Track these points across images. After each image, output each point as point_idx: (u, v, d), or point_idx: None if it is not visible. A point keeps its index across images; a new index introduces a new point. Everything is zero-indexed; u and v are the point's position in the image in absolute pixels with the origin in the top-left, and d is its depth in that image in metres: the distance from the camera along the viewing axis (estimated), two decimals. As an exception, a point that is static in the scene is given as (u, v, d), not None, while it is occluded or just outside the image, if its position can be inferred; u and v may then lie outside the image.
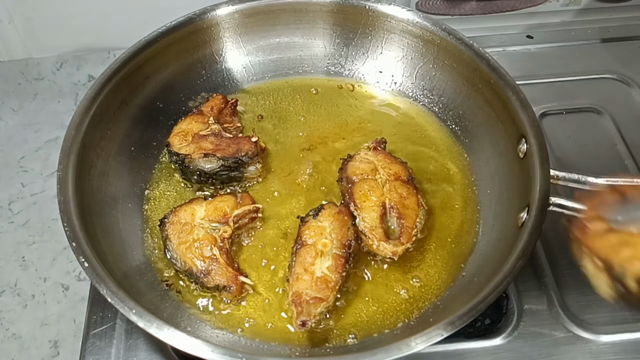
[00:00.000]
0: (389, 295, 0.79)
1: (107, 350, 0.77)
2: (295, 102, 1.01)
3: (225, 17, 0.98)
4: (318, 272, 0.74)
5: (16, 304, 0.90)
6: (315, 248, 0.76)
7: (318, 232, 0.77)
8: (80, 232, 0.71)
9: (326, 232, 0.77)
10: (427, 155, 0.94)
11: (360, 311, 0.77)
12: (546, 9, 1.18)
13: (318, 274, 0.74)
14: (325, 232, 0.77)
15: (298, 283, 0.74)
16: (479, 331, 0.81)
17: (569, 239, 0.66)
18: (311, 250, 0.76)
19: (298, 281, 0.74)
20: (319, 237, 0.77)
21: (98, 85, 0.85)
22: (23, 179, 1.04)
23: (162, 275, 0.80)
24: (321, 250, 0.76)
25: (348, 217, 0.80)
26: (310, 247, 0.76)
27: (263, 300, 0.78)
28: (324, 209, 0.80)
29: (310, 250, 0.76)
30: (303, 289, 0.73)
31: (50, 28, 1.18)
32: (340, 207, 0.81)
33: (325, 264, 0.75)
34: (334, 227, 0.78)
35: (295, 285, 0.73)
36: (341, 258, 0.75)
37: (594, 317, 0.81)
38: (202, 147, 0.87)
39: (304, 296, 0.72)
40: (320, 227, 0.78)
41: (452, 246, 0.84)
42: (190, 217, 0.80)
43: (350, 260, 0.77)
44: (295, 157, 0.94)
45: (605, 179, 0.77)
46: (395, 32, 0.99)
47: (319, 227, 0.78)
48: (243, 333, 0.75)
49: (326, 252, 0.76)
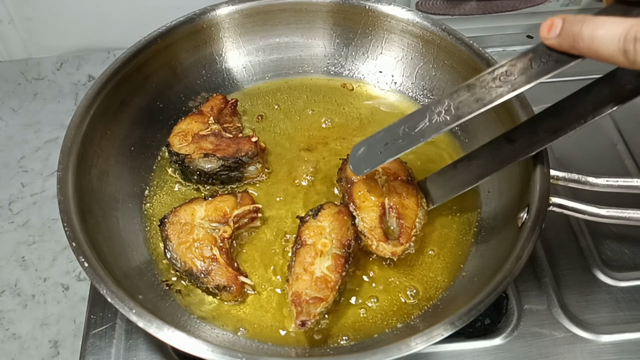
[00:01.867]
0: (389, 295, 0.79)
1: (107, 350, 0.77)
2: (295, 102, 1.01)
3: (225, 17, 0.98)
4: (318, 272, 0.74)
5: (16, 304, 0.90)
6: (314, 248, 0.76)
7: (317, 232, 0.77)
8: (80, 232, 0.71)
9: (326, 232, 0.77)
10: (427, 155, 0.94)
11: (360, 311, 0.77)
12: (546, 9, 1.18)
13: (318, 273, 0.74)
14: (325, 232, 0.77)
15: (298, 283, 0.73)
16: (479, 331, 0.81)
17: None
18: (311, 250, 0.76)
19: (298, 281, 0.74)
20: (319, 237, 0.77)
21: (98, 85, 0.85)
22: (23, 179, 1.04)
23: (162, 275, 0.80)
24: (321, 250, 0.76)
25: (348, 217, 0.80)
26: (310, 247, 0.76)
27: (263, 300, 0.78)
28: (323, 209, 0.80)
29: (309, 250, 0.76)
30: (302, 289, 0.73)
31: (50, 28, 1.18)
32: (340, 207, 0.81)
33: (324, 263, 0.75)
34: (333, 227, 0.78)
35: (295, 285, 0.73)
36: (341, 258, 0.75)
37: (594, 317, 0.82)
38: (202, 147, 0.87)
39: (303, 296, 0.72)
40: (319, 227, 0.78)
41: (452, 246, 0.84)
42: (190, 217, 0.80)
43: (350, 260, 0.77)
44: (295, 157, 0.94)
45: (605, 179, 0.77)
46: (395, 32, 0.99)
47: (319, 227, 0.78)
48: (243, 333, 0.75)
49: (326, 252, 0.76)
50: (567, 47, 0.55)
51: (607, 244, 0.89)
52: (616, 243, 0.89)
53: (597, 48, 0.52)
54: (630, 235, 0.89)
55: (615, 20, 0.51)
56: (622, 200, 0.79)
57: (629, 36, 0.49)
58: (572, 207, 0.75)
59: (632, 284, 0.85)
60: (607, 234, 0.90)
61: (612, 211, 0.75)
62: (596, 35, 0.51)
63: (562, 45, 0.56)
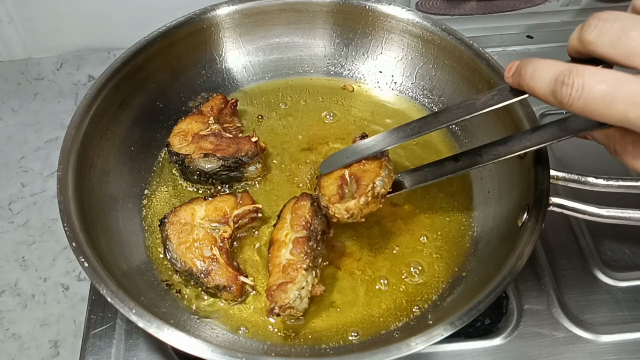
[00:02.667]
0: (390, 295, 0.79)
1: (107, 351, 0.77)
2: (295, 102, 1.01)
3: (225, 17, 0.98)
4: (283, 261, 0.74)
5: (16, 304, 0.90)
6: (279, 242, 0.77)
7: (280, 228, 0.79)
8: (80, 232, 0.71)
9: (287, 224, 0.78)
10: (428, 155, 0.94)
11: (360, 311, 0.77)
12: (546, 9, 1.18)
13: (283, 262, 0.74)
14: (286, 224, 0.78)
15: (270, 278, 0.75)
16: (479, 331, 0.81)
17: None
18: (276, 245, 0.77)
19: (271, 277, 0.75)
20: (282, 230, 0.78)
21: (98, 85, 0.85)
22: (23, 179, 1.04)
23: (162, 275, 0.80)
24: (283, 241, 0.77)
25: (305, 200, 0.80)
26: (276, 243, 0.77)
27: (263, 300, 0.78)
28: (284, 206, 0.81)
29: (275, 247, 0.77)
30: (272, 282, 0.73)
31: (50, 28, 1.18)
32: (297, 196, 0.82)
33: (287, 250, 0.75)
34: (292, 217, 0.78)
35: (269, 281, 0.74)
36: (302, 238, 0.75)
37: (594, 317, 0.82)
38: (202, 147, 0.87)
39: (272, 287, 0.73)
40: (282, 223, 0.79)
41: (452, 246, 0.84)
42: (190, 217, 0.80)
43: (316, 238, 0.77)
44: (295, 157, 0.94)
45: (606, 179, 0.77)
46: (395, 32, 0.99)
47: (282, 223, 0.79)
48: (243, 333, 0.75)
49: (287, 241, 0.76)
50: (517, 85, 0.61)
51: (607, 244, 0.89)
52: (616, 243, 0.89)
53: (534, 88, 0.57)
54: (630, 235, 0.89)
55: (553, 63, 0.56)
56: (622, 200, 0.79)
57: (558, 79, 0.54)
58: (572, 207, 0.75)
59: (632, 284, 0.85)
60: (607, 234, 0.90)
61: (612, 211, 0.75)
62: (534, 76, 0.57)
63: (513, 84, 0.62)
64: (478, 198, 0.88)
